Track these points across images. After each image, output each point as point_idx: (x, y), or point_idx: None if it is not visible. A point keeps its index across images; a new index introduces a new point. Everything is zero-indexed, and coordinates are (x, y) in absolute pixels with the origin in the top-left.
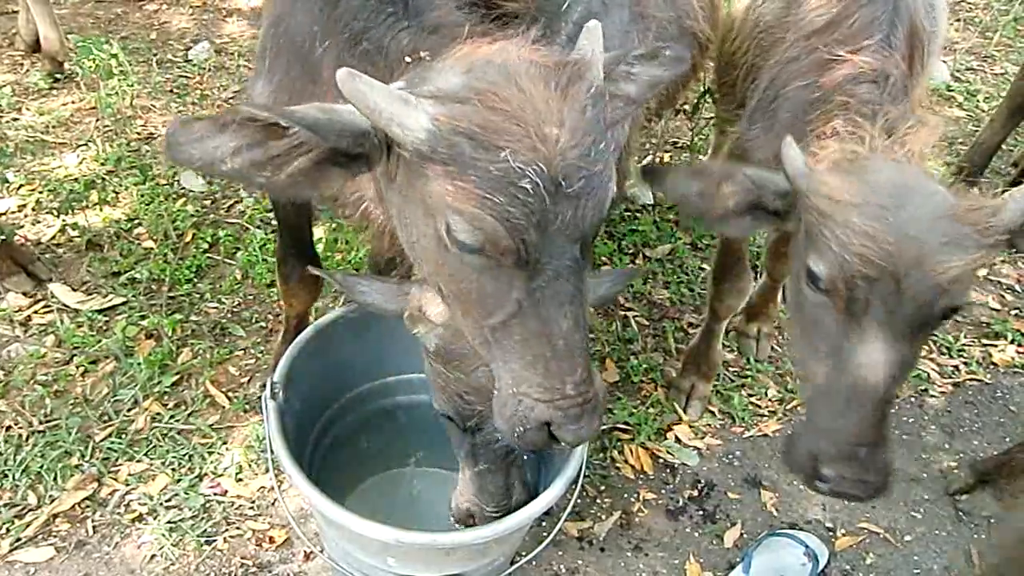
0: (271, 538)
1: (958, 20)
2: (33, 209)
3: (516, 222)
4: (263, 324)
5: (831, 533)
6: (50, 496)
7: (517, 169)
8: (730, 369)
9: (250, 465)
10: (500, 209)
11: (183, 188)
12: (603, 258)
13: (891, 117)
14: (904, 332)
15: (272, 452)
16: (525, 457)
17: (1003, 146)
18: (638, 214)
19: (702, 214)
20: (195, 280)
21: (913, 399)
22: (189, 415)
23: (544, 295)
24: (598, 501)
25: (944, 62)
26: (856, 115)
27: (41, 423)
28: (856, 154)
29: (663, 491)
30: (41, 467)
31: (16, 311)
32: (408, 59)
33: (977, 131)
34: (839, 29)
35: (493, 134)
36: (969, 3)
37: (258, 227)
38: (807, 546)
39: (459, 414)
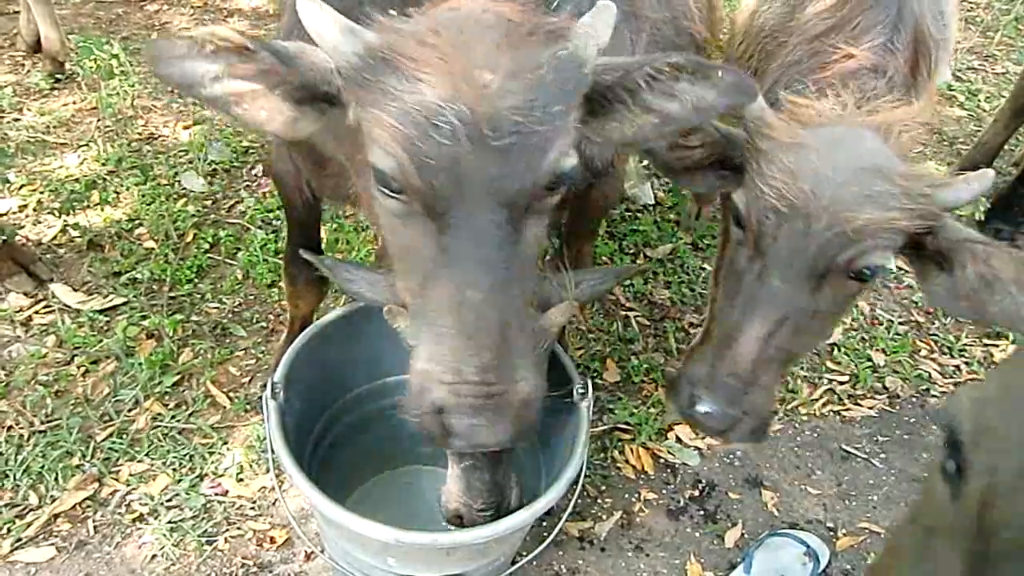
0: (272, 538)
1: (959, 19)
2: (34, 209)
3: (426, 160)
4: (264, 324)
5: (832, 533)
6: (51, 496)
7: (434, 105)
8: None
9: (251, 465)
10: (411, 143)
11: (184, 188)
12: (604, 258)
13: (874, 93)
14: (804, 276)
15: (272, 452)
16: (519, 454)
17: (1004, 146)
18: (639, 214)
19: (670, 166)
20: (196, 280)
21: (915, 399)
22: (190, 415)
23: (456, 256)
24: (599, 501)
25: None
26: (842, 89)
27: (42, 423)
28: (818, 111)
29: (664, 491)
30: (42, 467)
31: (17, 311)
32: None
33: (979, 131)
34: (842, 32)
35: (416, 66)
36: (970, 2)
37: (259, 227)
38: (808, 546)
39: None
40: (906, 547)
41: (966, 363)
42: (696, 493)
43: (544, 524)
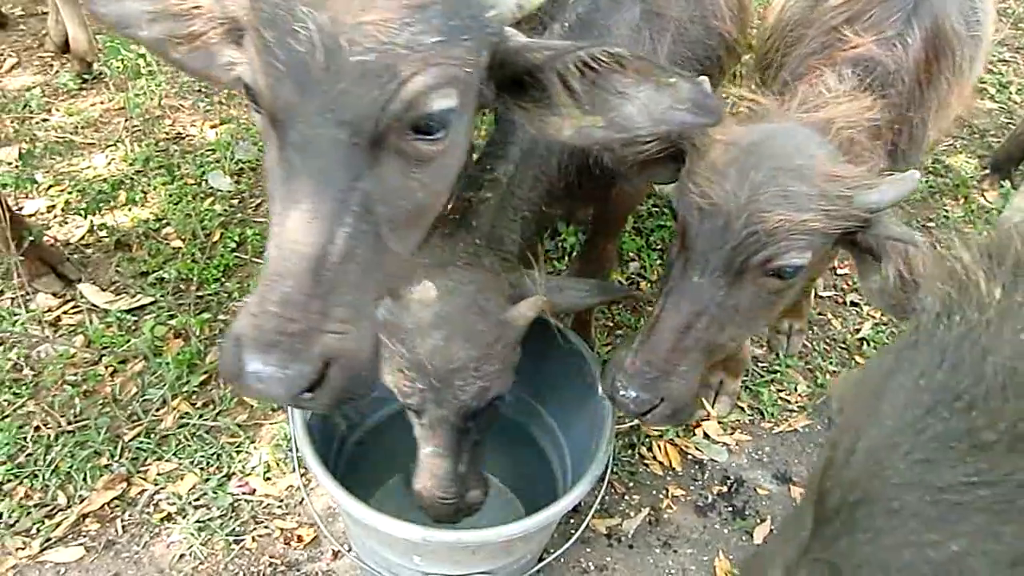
0: (299, 537)
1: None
2: (62, 210)
3: (278, 65)
4: None
5: None
6: (80, 496)
7: (298, 10)
8: (759, 364)
9: (278, 464)
10: (269, 48)
11: (211, 187)
12: (631, 253)
13: (862, 86)
14: (721, 272)
15: (297, 451)
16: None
17: None
18: (666, 209)
19: (625, 160)
20: (223, 279)
21: None
22: (217, 414)
23: (288, 174)
24: (627, 498)
25: None
26: (834, 77)
27: (70, 423)
28: (763, 107)
29: (692, 487)
30: (71, 467)
31: (46, 311)
32: None
33: (1010, 123)
34: (855, 24)
35: None
36: None
37: None
38: None
39: (400, 391)
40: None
41: None
42: (724, 489)
43: (571, 522)
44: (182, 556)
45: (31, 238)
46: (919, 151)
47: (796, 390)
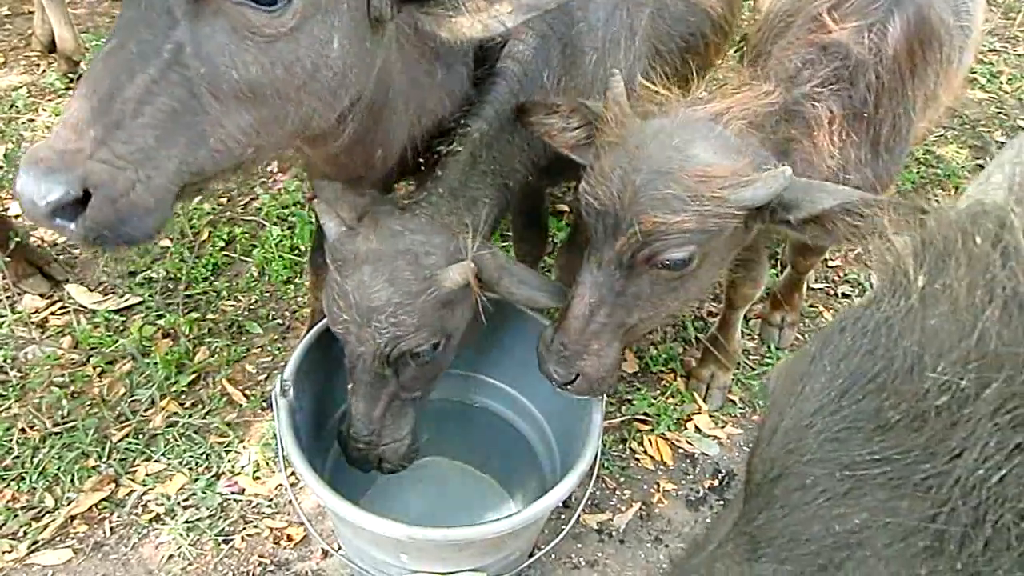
0: (289, 536)
1: None
2: None
3: None
4: (280, 321)
5: None
6: (67, 498)
7: None
8: (751, 357)
9: (267, 463)
10: None
11: None
12: None
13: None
14: (614, 267)
15: (283, 450)
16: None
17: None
18: None
19: (557, 143)
20: (211, 278)
21: None
22: (206, 414)
23: (121, 9)
24: (617, 492)
25: None
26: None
27: (58, 424)
28: (662, 100)
29: (683, 481)
30: (58, 469)
31: (33, 313)
32: None
33: (1000, 113)
34: (837, 11)
35: None
36: None
37: (274, 224)
38: None
39: (329, 315)
40: None
41: None
42: (716, 483)
43: (562, 517)
44: (171, 557)
45: (17, 239)
46: (904, 142)
47: None
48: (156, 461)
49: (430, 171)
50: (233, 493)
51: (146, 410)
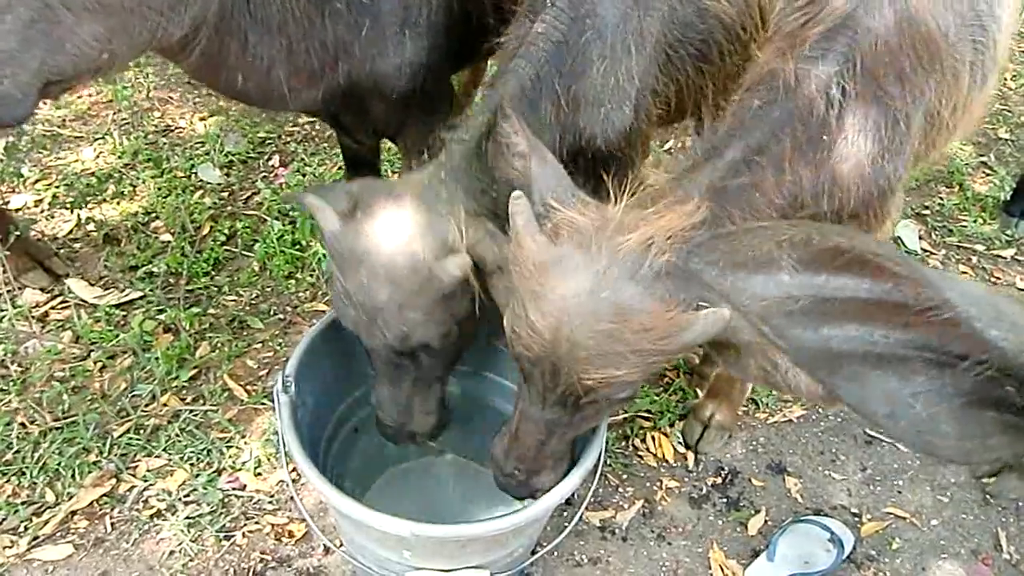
0: (290, 532)
1: None
2: (49, 204)
3: None
4: (281, 316)
5: (856, 519)
6: (68, 493)
7: None
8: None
9: (268, 459)
10: None
11: (200, 180)
12: None
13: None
14: (560, 405)
15: (285, 446)
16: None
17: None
18: None
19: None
20: (213, 273)
21: None
22: (207, 409)
23: None
24: (620, 490)
25: None
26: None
27: (58, 419)
28: (587, 223)
29: (686, 479)
30: (59, 464)
31: (33, 307)
32: None
33: (1005, 109)
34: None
35: None
36: None
37: (276, 219)
38: (832, 532)
39: (337, 310)
40: None
41: None
42: (719, 480)
43: (565, 514)
44: (172, 553)
45: (17, 232)
46: (892, 164)
47: None
48: (157, 456)
49: (436, 153)
50: (234, 489)
51: (147, 405)
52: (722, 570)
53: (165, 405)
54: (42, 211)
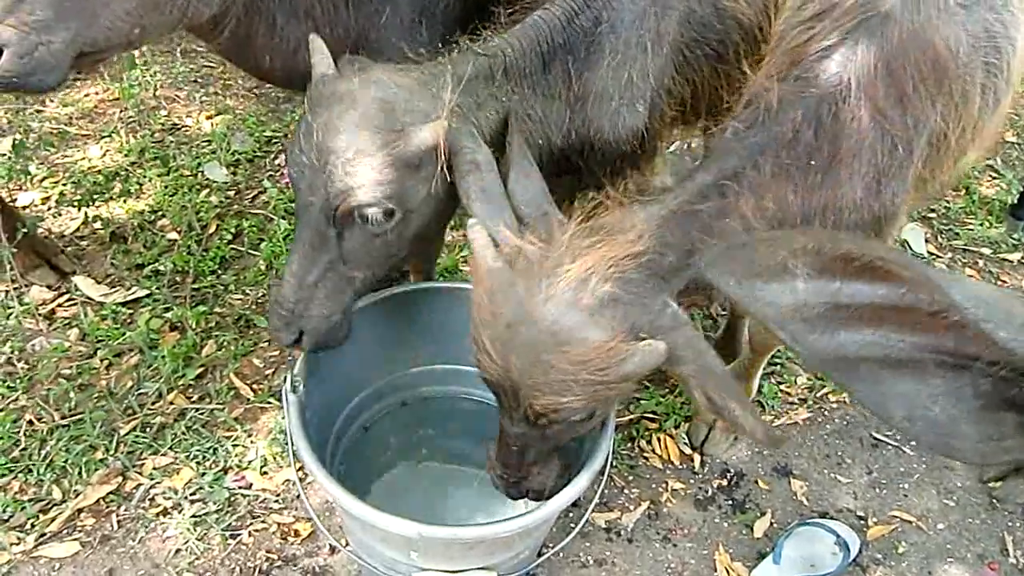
0: (296, 531)
1: None
2: (56, 201)
3: None
4: None
5: (863, 522)
6: (74, 490)
7: None
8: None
9: (275, 458)
10: None
11: (207, 179)
12: None
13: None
14: (525, 423)
15: (293, 445)
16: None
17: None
18: None
19: None
20: (219, 271)
21: None
22: (213, 408)
23: None
24: (626, 491)
25: None
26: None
27: (65, 417)
28: (535, 251)
29: (692, 481)
30: (65, 461)
31: (40, 304)
32: None
33: (1010, 113)
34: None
35: None
36: None
37: (282, 217)
38: (838, 535)
39: (289, 163)
40: None
41: None
42: (724, 483)
43: (570, 515)
44: (178, 551)
45: (24, 230)
46: (893, 188)
47: (796, 383)
48: (163, 455)
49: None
50: (241, 488)
51: (154, 403)
52: (727, 572)
53: (172, 403)
54: (49, 209)
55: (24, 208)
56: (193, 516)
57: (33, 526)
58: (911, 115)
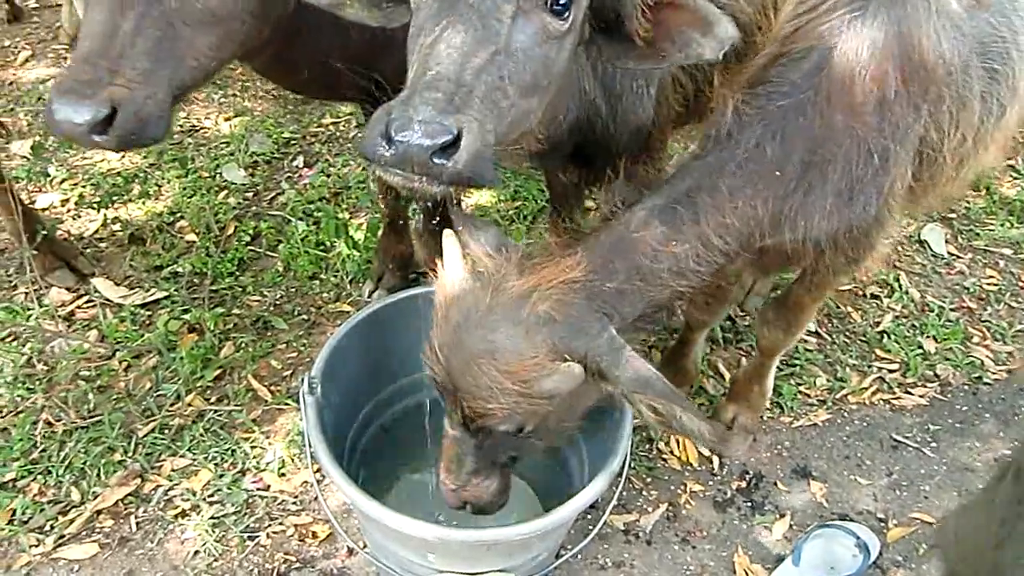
0: (314, 533)
1: None
2: (75, 203)
3: None
4: (305, 317)
5: (883, 524)
6: (93, 493)
7: None
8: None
9: (292, 459)
10: None
11: (225, 180)
12: None
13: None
14: (464, 427)
15: (311, 447)
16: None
17: None
18: None
19: None
20: (237, 273)
21: (967, 387)
22: (231, 409)
23: None
24: (644, 493)
25: None
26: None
27: (84, 419)
28: (492, 264)
29: (710, 482)
30: (84, 463)
31: (59, 306)
32: None
33: None
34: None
35: None
36: None
37: (300, 219)
38: (858, 538)
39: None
40: None
41: (1020, 349)
42: (743, 484)
43: (589, 517)
44: (196, 553)
45: (44, 232)
46: (870, 198)
47: (815, 384)
48: (182, 456)
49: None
50: (259, 489)
51: (172, 405)
52: (746, 575)
53: (190, 405)
54: (68, 211)
55: (44, 210)
56: (211, 518)
57: (52, 528)
58: (889, 123)
